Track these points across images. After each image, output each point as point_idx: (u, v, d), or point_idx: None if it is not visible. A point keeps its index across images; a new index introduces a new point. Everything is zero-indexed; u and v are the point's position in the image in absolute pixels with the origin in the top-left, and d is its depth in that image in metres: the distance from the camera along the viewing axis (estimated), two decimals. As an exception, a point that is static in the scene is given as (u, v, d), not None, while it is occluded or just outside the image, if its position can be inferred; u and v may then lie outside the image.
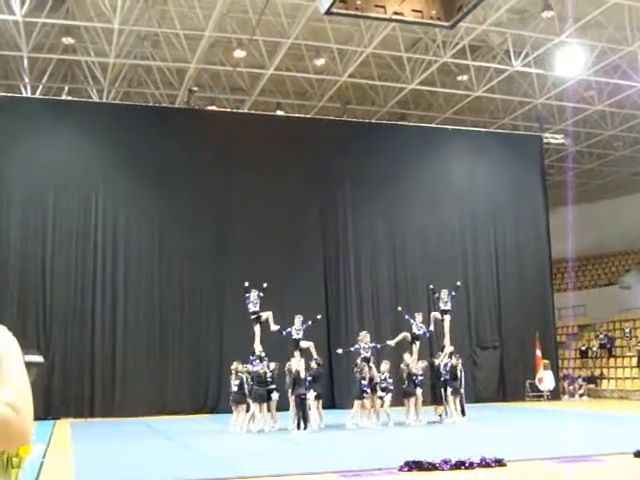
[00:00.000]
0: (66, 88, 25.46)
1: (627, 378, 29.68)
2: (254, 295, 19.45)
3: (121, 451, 14.48)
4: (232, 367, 18.39)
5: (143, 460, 13.06)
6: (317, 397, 18.08)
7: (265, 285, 19.63)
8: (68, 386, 23.00)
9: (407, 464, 10.89)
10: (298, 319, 19.32)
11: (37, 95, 25.46)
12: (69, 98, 25.08)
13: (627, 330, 32.61)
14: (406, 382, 19.05)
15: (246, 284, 19.69)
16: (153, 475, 10.84)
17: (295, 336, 18.95)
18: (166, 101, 27.45)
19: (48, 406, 22.46)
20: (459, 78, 26.77)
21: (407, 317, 20.75)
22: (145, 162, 24.55)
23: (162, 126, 24.94)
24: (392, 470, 10.82)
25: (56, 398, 22.76)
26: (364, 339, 19.50)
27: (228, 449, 14.62)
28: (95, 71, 24.97)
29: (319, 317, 20.30)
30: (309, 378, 18.01)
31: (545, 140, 30.56)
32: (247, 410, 17.64)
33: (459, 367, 19.89)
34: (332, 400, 24.20)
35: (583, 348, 32.59)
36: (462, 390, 19.75)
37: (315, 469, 11.23)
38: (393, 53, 24.76)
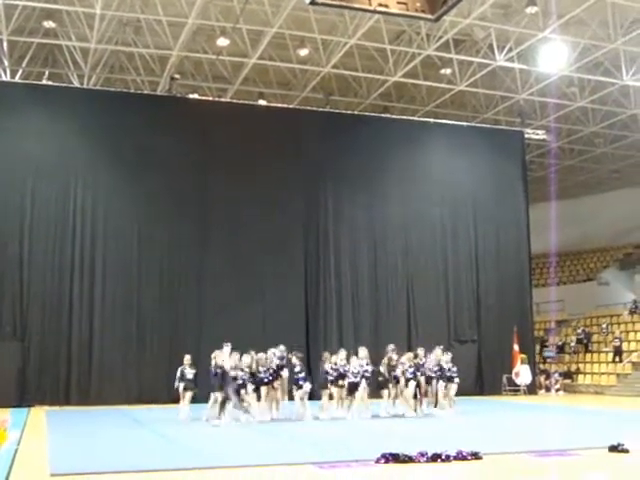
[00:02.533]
0: (46, 73, 25.15)
1: (603, 373, 29.94)
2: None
3: (96, 439, 14.38)
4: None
5: (118, 448, 12.97)
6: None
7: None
8: (44, 373, 22.83)
9: (384, 456, 10.90)
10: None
11: (17, 79, 25.18)
12: (49, 83, 24.78)
13: (604, 326, 32.89)
14: (386, 374, 18.94)
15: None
16: (129, 464, 10.76)
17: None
18: (148, 88, 27.23)
19: (23, 393, 22.40)
20: (442, 71, 26.76)
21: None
22: (125, 149, 24.34)
23: (143, 113, 24.75)
24: (369, 462, 10.82)
25: (31, 385, 22.63)
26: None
27: (205, 439, 14.55)
28: (76, 56, 24.73)
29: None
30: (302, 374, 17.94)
31: (527, 135, 30.70)
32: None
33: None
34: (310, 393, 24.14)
35: (560, 343, 32.80)
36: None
37: (292, 460, 11.20)
38: (377, 45, 24.71)
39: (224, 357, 17.51)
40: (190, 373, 18.54)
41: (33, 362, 22.84)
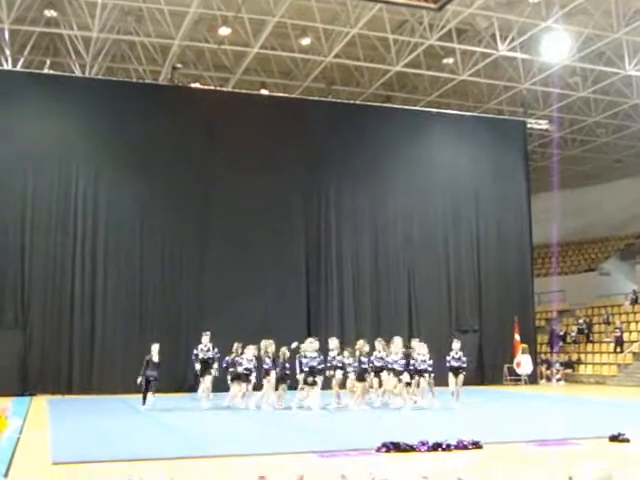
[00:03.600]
0: (48, 62, 25.12)
1: (604, 363, 29.96)
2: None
3: (98, 428, 14.43)
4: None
5: (120, 437, 13.02)
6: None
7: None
8: (46, 362, 22.89)
9: (384, 445, 10.94)
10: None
11: (18, 68, 25.12)
12: (51, 72, 24.74)
13: (605, 316, 32.90)
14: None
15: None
16: (130, 452, 10.81)
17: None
18: (149, 77, 27.21)
19: (25, 382, 22.46)
20: (445, 61, 26.71)
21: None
22: (127, 138, 24.30)
23: (145, 102, 24.72)
24: (369, 451, 10.86)
25: (33, 374, 22.70)
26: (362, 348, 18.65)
27: (207, 428, 14.60)
28: (78, 45, 24.68)
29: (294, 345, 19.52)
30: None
31: (529, 125, 30.64)
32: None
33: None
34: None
35: (561, 333, 32.83)
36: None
37: (293, 449, 11.25)
38: (379, 34, 24.65)
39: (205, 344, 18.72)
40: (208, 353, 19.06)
41: (35, 351, 22.90)
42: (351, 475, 7.54)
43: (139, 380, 17.86)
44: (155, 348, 18.50)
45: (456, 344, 18.99)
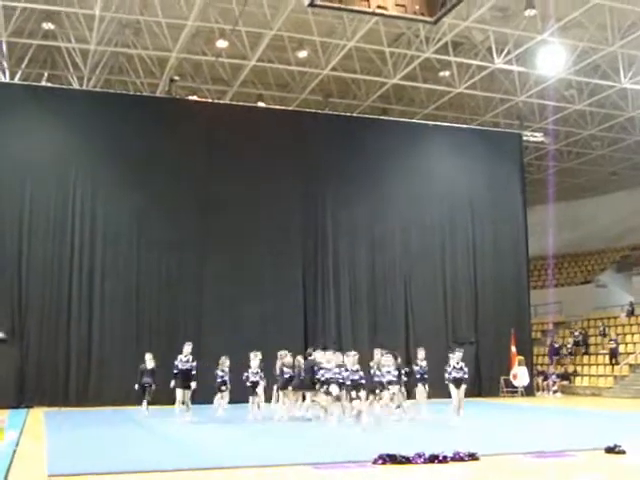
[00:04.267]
0: (46, 74, 25.25)
1: (600, 375, 29.97)
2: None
3: (95, 440, 14.40)
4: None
5: (117, 449, 13.01)
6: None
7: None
8: (42, 374, 22.85)
9: (381, 457, 10.94)
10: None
11: (16, 80, 25.21)
12: (49, 84, 24.83)
13: (601, 328, 32.94)
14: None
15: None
16: (127, 464, 10.80)
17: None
18: (147, 90, 27.29)
19: (22, 394, 22.42)
20: (441, 74, 26.83)
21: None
22: (125, 151, 24.36)
23: (143, 115, 24.79)
24: (366, 463, 10.86)
25: (30, 386, 22.65)
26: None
27: (203, 439, 14.58)
28: (75, 58, 24.77)
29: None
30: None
31: (525, 138, 30.76)
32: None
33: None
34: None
35: (556, 345, 32.85)
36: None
37: (289, 461, 11.24)
38: (376, 47, 24.77)
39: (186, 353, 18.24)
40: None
41: (32, 363, 22.86)
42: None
43: (136, 387, 18.86)
44: (148, 356, 19.26)
45: (458, 354, 18.00)
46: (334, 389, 16.69)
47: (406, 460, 10.95)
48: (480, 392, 27.21)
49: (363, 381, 16.39)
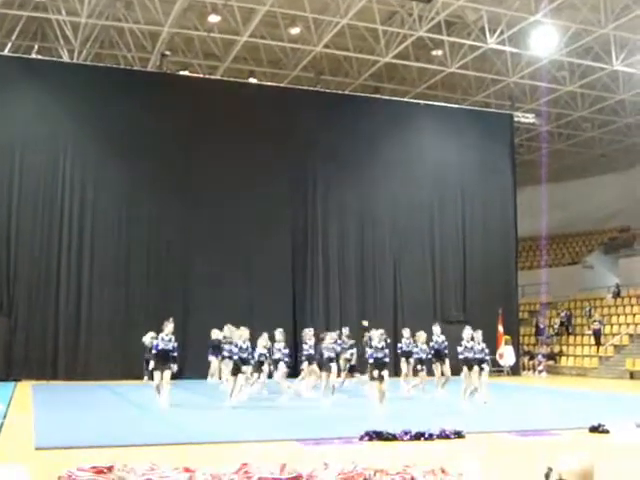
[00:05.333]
0: (36, 47, 24.99)
1: (585, 356, 30.23)
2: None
3: (82, 414, 14.45)
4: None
5: (104, 423, 13.06)
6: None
7: None
8: (31, 348, 22.87)
9: (367, 434, 11.04)
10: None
11: (6, 52, 24.97)
12: (39, 57, 24.62)
13: (587, 309, 33.18)
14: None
15: None
16: (114, 438, 10.86)
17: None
18: (138, 64, 27.08)
19: (10, 368, 22.44)
20: (433, 53, 26.77)
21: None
22: (115, 125, 24.25)
23: (133, 89, 24.65)
24: (353, 439, 10.95)
25: (18, 360, 22.68)
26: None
27: (190, 415, 14.66)
28: (66, 30, 24.55)
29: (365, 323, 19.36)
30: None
31: (516, 119, 30.78)
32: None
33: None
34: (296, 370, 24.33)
35: (542, 326, 33.04)
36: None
37: (275, 437, 11.33)
38: (369, 25, 24.65)
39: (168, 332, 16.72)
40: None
41: (20, 337, 22.88)
42: (333, 463, 7.62)
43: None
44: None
45: (467, 331, 17.14)
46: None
47: (392, 437, 11.06)
48: (467, 371, 27.35)
49: (387, 359, 15.21)
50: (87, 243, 24.01)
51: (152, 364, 16.29)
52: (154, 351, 16.21)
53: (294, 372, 20.30)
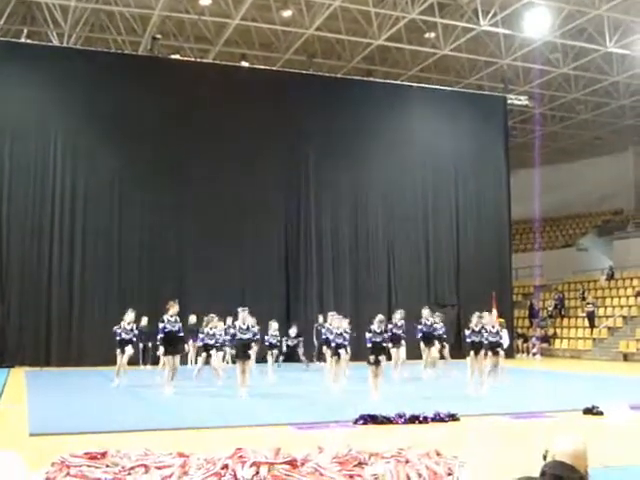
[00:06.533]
0: (25, 30, 24.75)
1: (579, 338, 30.32)
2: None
3: (75, 400, 14.44)
4: None
5: (97, 409, 13.04)
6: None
7: None
8: (24, 334, 22.83)
9: (362, 417, 11.03)
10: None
11: (-5, 37, 24.77)
12: (28, 41, 24.40)
13: (581, 291, 33.27)
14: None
15: None
16: (107, 424, 10.84)
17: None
18: (129, 48, 26.89)
19: (3, 354, 22.39)
20: (426, 35, 26.62)
21: None
22: (106, 109, 24.08)
23: (124, 73, 24.46)
24: (347, 423, 10.94)
25: (12, 346, 22.65)
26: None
27: (185, 401, 14.63)
28: (56, 14, 24.32)
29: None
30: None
31: (509, 101, 30.70)
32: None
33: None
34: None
35: (536, 308, 33.13)
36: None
37: (270, 421, 11.31)
38: (361, 7, 24.48)
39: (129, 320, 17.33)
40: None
41: (13, 323, 22.83)
42: (328, 447, 7.60)
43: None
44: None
45: (477, 316, 16.91)
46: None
47: (387, 420, 11.06)
48: (461, 354, 27.41)
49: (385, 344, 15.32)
50: (78, 229, 23.90)
51: (161, 349, 15.87)
52: (161, 335, 15.71)
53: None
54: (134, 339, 17.56)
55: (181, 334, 15.96)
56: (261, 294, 24.39)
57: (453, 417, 11.39)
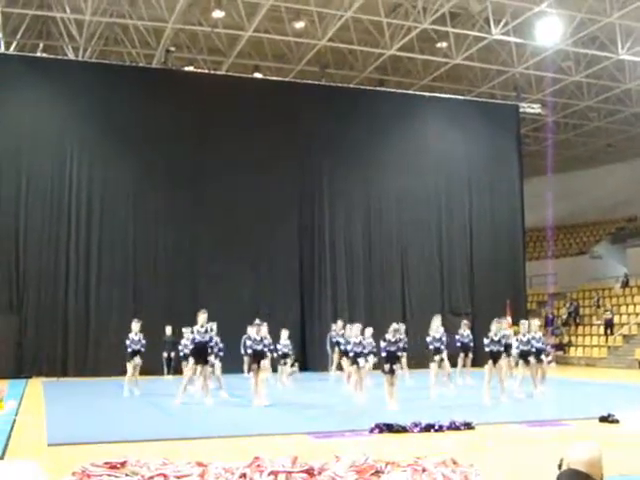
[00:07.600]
0: (41, 45, 25.04)
1: (594, 346, 30.21)
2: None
3: (93, 410, 14.54)
4: None
5: (115, 419, 13.14)
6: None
7: None
8: (41, 345, 22.99)
9: (378, 426, 11.09)
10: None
11: (11, 51, 25.03)
12: (44, 55, 24.66)
13: (595, 299, 33.15)
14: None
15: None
16: (125, 434, 10.93)
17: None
18: (143, 61, 27.12)
19: (20, 365, 22.55)
20: (438, 45, 26.70)
21: None
22: (121, 121, 24.30)
23: (138, 86, 24.72)
24: (363, 432, 11.00)
25: (29, 357, 22.82)
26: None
27: (201, 410, 14.71)
28: (71, 28, 24.58)
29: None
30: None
31: (522, 109, 30.70)
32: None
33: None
34: (305, 363, 24.39)
35: (550, 316, 33.04)
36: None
37: (287, 430, 11.38)
38: (373, 18, 24.59)
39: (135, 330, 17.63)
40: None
41: (30, 334, 23.00)
42: (345, 456, 7.66)
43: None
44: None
45: (497, 324, 16.73)
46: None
47: (402, 429, 11.11)
48: (475, 362, 27.37)
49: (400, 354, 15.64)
50: (95, 240, 24.09)
51: (191, 361, 15.86)
52: (191, 346, 15.77)
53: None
54: (142, 349, 17.73)
55: (211, 344, 15.86)
56: (275, 305, 24.49)
57: (468, 426, 11.43)
